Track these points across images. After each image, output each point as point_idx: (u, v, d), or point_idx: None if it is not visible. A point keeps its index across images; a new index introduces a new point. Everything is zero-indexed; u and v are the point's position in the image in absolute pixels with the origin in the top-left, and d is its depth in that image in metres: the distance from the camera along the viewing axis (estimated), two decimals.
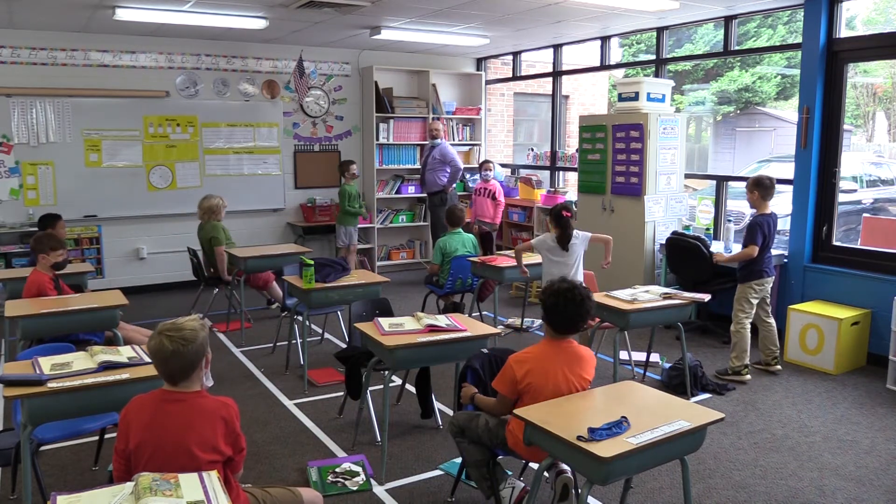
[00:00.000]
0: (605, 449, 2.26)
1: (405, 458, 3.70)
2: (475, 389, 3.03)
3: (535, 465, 3.39)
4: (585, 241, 4.85)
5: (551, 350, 2.83)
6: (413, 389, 4.26)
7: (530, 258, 5.46)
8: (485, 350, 3.34)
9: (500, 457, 2.98)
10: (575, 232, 4.79)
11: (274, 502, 2.37)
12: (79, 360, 3.00)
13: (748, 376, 4.81)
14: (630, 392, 2.88)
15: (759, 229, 4.76)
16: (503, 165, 9.12)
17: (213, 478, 2.03)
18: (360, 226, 8.29)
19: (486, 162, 7.90)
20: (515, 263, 5.23)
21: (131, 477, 2.11)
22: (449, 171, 7.78)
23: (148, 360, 3.06)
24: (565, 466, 2.98)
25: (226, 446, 2.21)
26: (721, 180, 6.39)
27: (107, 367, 2.94)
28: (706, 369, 4.84)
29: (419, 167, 8.23)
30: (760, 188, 4.81)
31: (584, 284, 2.90)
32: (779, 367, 5.04)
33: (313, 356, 5.32)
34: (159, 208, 7.36)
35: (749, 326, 4.86)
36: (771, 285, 4.92)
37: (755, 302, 4.86)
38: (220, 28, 6.60)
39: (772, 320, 5.02)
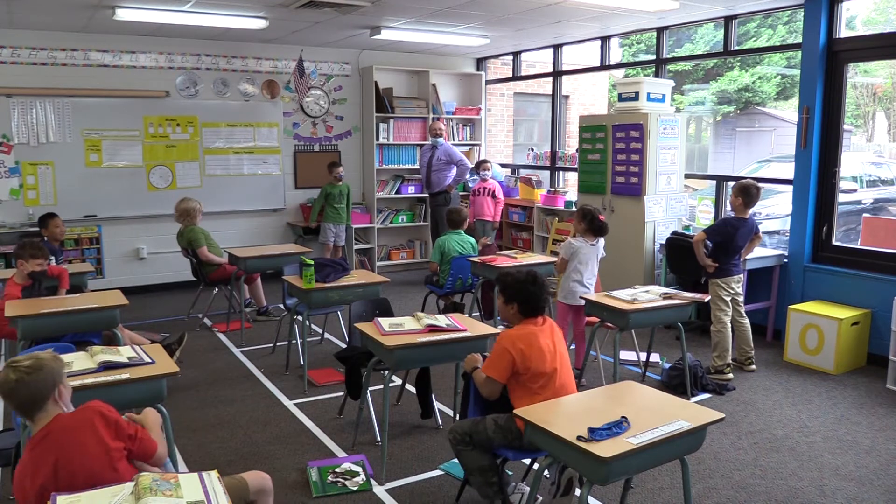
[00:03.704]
0: (605, 449, 2.26)
1: (405, 458, 3.70)
2: (480, 360, 3.08)
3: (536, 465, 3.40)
4: (600, 251, 4.83)
5: (534, 328, 2.98)
6: (413, 389, 4.26)
7: (531, 258, 5.65)
8: (486, 354, 3.34)
9: (509, 460, 2.95)
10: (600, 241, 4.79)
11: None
12: (79, 360, 3.00)
13: (730, 375, 4.83)
14: (630, 392, 2.88)
15: (724, 227, 4.79)
16: (503, 165, 9.13)
17: (212, 478, 2.03)
18: (360, 225, 8.31)
19: (484, 162, 7.91)
20: (518, 264, 5.37)
21: None
22: (456, 169, 7.77)
23: (148, 359, 3.07)
24: None
25: (114, 441, 2.19)
26: (721, 180, 6.39)
27: (107, 367, 2.94)
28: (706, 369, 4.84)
29: (419, 167, 8.22)
30: (746, 196, 4.80)
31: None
32: (753, 367, 5.04)
33: (313, 356, 5.32)
34: (159, 208, 7.35)
35: (729, 325, 4.88)
36: (739, 284, 4.94)
37: (728, 299, 4.88)
38: (220, 28, 6.60)
39: (746, 320, 5.04)
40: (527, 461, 3.44)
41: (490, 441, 2.89)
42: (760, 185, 5.02)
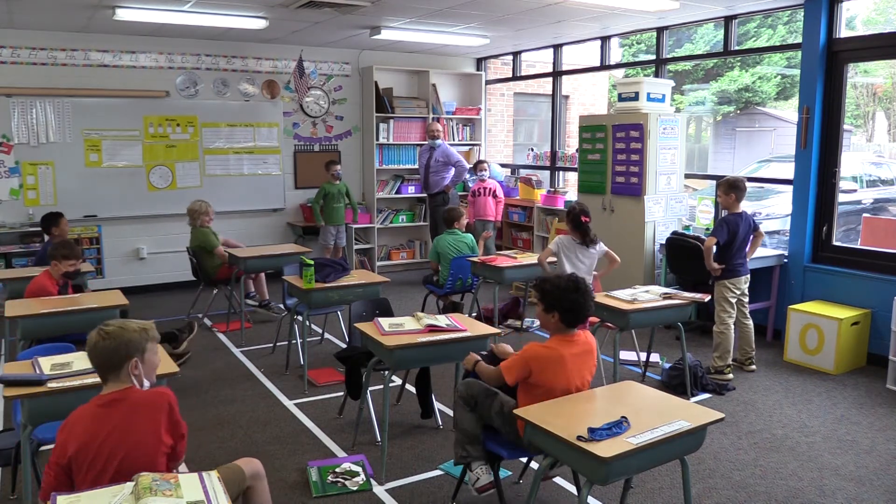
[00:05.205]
0: (605, 449, 2.26)
1: (405, 458, 3.70)
2: (479, 358, 3.09)
3: (534, 465, 3.40)
4: (601, 253, 4.87)
5: (570, 348, 2.85)
6: (413, 389, 4.26)
7: (531, 258, 5.65)
8: (483, 352, 3.33)
9: (504, 458, 2.95)
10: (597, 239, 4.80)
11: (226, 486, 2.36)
12: (79, 360, 2.99)
13: (730, 375, 4.83)
14: (630, 392, 2.88)
15: (727, 226, 4.80)
16: (503, 165, 9.13)
17: (212, 478, 2.03)
18: (360, 225, 8.31)
19: (481, 162, 7.91)
20: (518, 264, 5.50)
21: (67, 490, 2.06)
22: (454, 170, 7.77)
23: None
24: None
25: (167, 436, 2.20)
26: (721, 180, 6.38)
27: None
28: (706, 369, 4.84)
29: (418, 168, 8.21)
30: (736, 190, 4.84)
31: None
32: (753, 367, 5.04)
33: (313, 356, 5.32)
34: (159, 208, 7.36)
35: (732, 326, 4.88)
36: (747, 284, 4.94)
37: (734, 300, 4.89)
38: (220, 28, 6.60)
39: (749, 321, 5.04)
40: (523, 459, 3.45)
41: (490, 420, 2.91)
42: (760, 185, 5.03)
